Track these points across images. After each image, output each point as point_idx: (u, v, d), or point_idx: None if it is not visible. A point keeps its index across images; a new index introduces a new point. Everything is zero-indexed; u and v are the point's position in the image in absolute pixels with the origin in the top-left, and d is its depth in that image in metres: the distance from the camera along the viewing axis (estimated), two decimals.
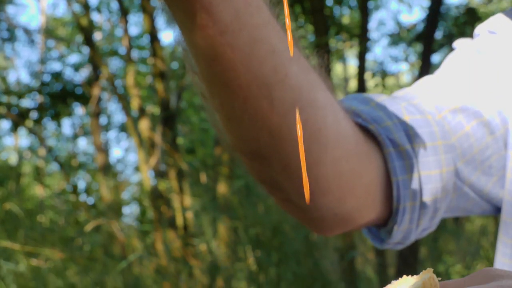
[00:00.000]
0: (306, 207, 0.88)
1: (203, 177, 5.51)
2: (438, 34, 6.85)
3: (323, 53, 0.86)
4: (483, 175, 0.96)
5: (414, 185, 0.90)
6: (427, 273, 0.43)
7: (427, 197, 0.91)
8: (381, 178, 0.90)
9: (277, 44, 0.74)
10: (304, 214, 0.91)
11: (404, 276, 0.45)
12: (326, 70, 0.87)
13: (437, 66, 1.11)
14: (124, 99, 6.62)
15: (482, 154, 0.95)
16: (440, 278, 0.44)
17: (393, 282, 0.45)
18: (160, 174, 6.05)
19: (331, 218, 0.90)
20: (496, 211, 1.01)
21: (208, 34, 0.70)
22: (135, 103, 6.28)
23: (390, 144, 0.90)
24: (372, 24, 9.64)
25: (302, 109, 0.79)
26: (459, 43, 1.05)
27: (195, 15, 0.68)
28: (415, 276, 0.44)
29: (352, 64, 14.03)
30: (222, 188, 5.31)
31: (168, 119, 6.07)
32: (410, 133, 0.91)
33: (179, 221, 5.53)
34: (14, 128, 9.29)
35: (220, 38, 0.70)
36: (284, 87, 0.76)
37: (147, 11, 5.93)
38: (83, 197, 7.92)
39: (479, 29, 1.04)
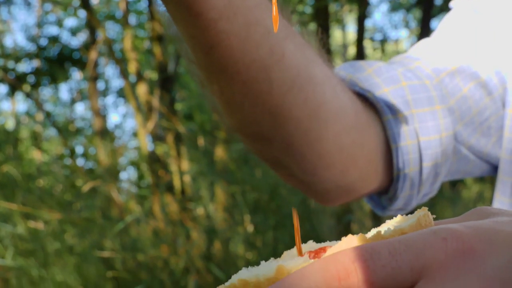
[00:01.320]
0: (310, 181, 0.89)
1: (201, 141, 5.50)
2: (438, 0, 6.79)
3: (322, 18, 0.85)
4: (483, 136, 0.96)
5: (414, 151, 0.91)
6: (422, 211, 0.43)
7: (427, 163, 0.92)
8: (381, 146, 0.91)
9: (271, 25, 0.73)
10: (309, 188, 0.92)
11: (399, 215, 0.45)
12: (325, 36, 0.86)
13: None
14: (121, 64, 6.57)
15: (481, 116, 0.95)
16: (434, 216, 0.44)
17: (387, 221, 0.46)
18: (157, 139, 6.05)
19: (334, 190, 0.91)
20: (495, 171, 1.01)
21: (203, 22, 0.69)
22: (132, 68, 6.25)
23: (389, 111, 0.90)
24: None
25: (301, 87, 0.79)
26: (456, 3, 1.05)
27: (188, 4, 0.68)
28: (409, 215, 0.44)
29: (351, 30, 13.93)
30: (219, 152, 5.31)
31: (166, 83, 6.04)
32: (408, 99, 0.91)
33: (177, 185, 5.55)
34: (12, 92, 9.26)
35: (215, 25, 0.70)
36: (282, 68, 0.76)
37: None
38: (80, 162, 7.94)
39: None
